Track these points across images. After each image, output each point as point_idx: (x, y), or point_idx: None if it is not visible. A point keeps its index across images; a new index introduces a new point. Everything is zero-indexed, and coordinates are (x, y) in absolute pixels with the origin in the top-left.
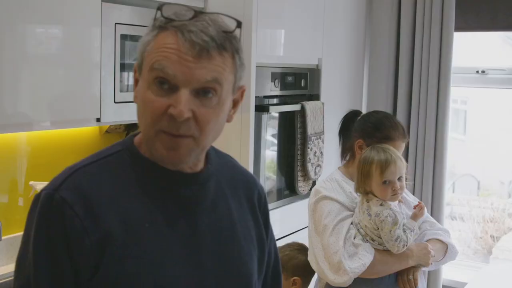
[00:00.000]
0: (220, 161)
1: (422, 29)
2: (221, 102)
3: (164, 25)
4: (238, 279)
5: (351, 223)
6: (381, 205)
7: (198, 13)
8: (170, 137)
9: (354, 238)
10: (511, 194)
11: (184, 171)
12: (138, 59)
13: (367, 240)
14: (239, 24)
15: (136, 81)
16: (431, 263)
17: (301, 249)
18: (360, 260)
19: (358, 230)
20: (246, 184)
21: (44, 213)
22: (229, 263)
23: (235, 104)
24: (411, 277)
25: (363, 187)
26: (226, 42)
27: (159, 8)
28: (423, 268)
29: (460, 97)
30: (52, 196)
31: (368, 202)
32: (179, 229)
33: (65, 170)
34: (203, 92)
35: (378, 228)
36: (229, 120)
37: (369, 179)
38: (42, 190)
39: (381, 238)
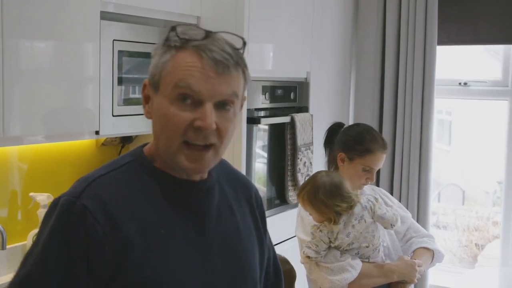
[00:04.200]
0: (219, 167)
1: (406, 44)
2: (235, 112)
3: (181, 45)
4: (245, 277)
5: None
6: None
7: (208, 33)
8: (193, 150)
9: (341, 256)
10: (496, 203)
11: (192, 179)
12: (153, 76)
13: (357, 253)
14: (244, 42)
15: (146, 98)
16: (416, 281)
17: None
18: (344, 274)
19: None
20: (244, 187)
21: (63, 217)
22: (236, 263)
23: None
24: None
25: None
26: (239, 59)
27: (173, 29)
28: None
29: (445, 108)
30: (74, 203)
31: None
32: (190, 234)
33: (82, 180)
34: (222, 104)
35: (373, 215)
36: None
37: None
38: (60, 197)
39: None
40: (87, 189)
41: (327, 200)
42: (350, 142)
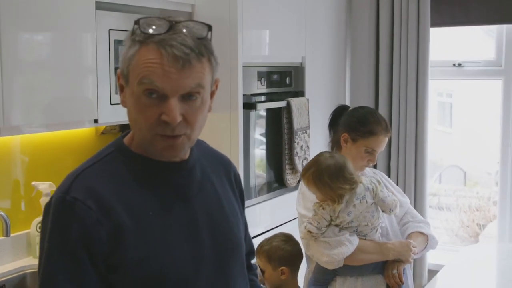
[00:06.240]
0: (198, 148)
1: (400, 26)
2: (204, 100)
3: (144, 40)
4: (232, 249)
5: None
6: (360, 183)
7: (173, 24)
8: (166, 138)
9: (339, 231)
10: (498, 183)
11: (172, 160)
12: (122, 69)
13: (355, 230)
14: (210, 28)
15: (121, 87)
16: (411, 260)
17: (287, 239)
18: (341, 248)
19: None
20: (223, 165)
21: (57, 215)
22: (222, 236)
23: (212, 94)
24: (395, 271)
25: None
26: (203, 49)
27: (137, 22)
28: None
29: (446, 90)
30: (64, 198)
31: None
32: (177, 212)
33: (69, 176)
34: (188, 96)
35: (375, 202)
36: (209, 110)
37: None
38: (52, 197)
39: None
40: (74, 183)
41: (331, 183)
42: (354, 124)
